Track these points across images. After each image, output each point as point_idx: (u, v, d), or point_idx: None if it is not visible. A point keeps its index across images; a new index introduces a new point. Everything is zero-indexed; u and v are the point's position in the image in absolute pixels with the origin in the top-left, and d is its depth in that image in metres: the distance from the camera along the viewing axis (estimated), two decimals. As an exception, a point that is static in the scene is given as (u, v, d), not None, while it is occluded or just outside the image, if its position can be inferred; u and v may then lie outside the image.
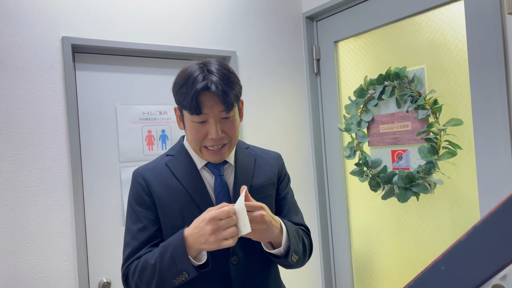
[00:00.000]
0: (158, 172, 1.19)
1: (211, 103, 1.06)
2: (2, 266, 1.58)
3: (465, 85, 1.73)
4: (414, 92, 1.89)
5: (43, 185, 1.68)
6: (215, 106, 1.07)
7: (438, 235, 1.89)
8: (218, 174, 1.19)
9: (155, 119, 2.01)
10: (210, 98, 1.06)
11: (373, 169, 2.12)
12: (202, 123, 1.09)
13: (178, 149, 1.24)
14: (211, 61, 1.12)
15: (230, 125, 1.12)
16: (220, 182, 1.19)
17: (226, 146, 1.14)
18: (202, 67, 1.09)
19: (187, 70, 1.10)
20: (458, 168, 1.78)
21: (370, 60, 2.16)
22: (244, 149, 1.29)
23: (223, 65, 1.12)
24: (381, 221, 2.16)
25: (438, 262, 0.51)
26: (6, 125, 1.62)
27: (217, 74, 1.07)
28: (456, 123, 1.74)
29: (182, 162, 1.20)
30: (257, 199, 1.19)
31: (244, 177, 1.22)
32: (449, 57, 1.79)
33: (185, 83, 1.07)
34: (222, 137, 1.11)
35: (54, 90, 1.72)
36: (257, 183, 1.23)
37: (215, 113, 1.08)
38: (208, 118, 1.08)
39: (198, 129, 1.10)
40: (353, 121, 2.18)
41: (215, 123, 1.09)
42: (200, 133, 1.10)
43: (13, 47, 1.64)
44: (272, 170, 1.29)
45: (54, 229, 1.69)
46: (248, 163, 1.25)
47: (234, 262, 1.17)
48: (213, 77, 1.06)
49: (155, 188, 1.17)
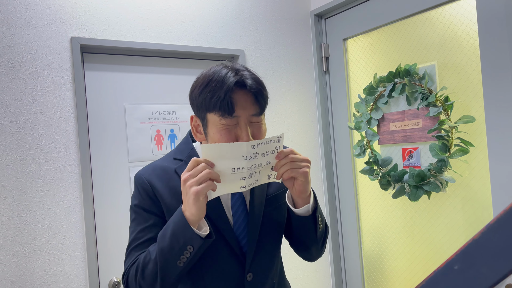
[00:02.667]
0: (167, 180, 1.07)
1: (245, 103, 0.96)
2: (13, 266, 1.60)
3: (477, 81, 1.70)
4: (425, 89, 1.86)
5: (53, 185, 1.69)
6: (249, 107, 0.97)
7: (450, 234, 1.86)
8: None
9: (164, 119, 2.01)
10: (244, 96, 0.96)
11: (383, 168, 2.09)
12: (231, 127, 0.98)
13: (189, 153, 1.11)
14: (235, 64, 1.02)
15: (258, 130, 1.02)
16: (239, 197, 1.10)
17: None
18: (227, 66, 1.00)
19: (210, 70, 0.99)
20: (471, 166, 1.76)
21: (379, 57, 2.14)
22: None
23: (249, 68, 1.04)
24: (392, 220, 2.13)
25: (451, 262, 0.50)
26: (16, 125, 1.63)
27: (249, 72, 0.99)
28: (468, 120, 1.71)
29: None
30: (273, 208, 1.15)
31: (261, 188, 1.14)
32: (461, 53, 1.77)
33: (210, 82, 0.96)
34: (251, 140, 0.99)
35: (63, 91, 1.73)
36: (272, 192, 1.16)
37: (246, 115, 0.97)
38: (239, 121, 0.97)
39: (226, 134, 0.97)
40: (362, 119, 2.16)
41: (245, 126, 0.98)
42: (228, 137, 0.98)
43: (23, 48, 1.65)
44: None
45: (64, 228, 1.70)
46: None
47: (248, 278, 1.10)
48: (246, 73, 0.97)
49: (164, 196, 1.06)
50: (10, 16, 1.63)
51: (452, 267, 0.49)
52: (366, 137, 2.16)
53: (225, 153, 0.92)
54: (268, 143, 0.95)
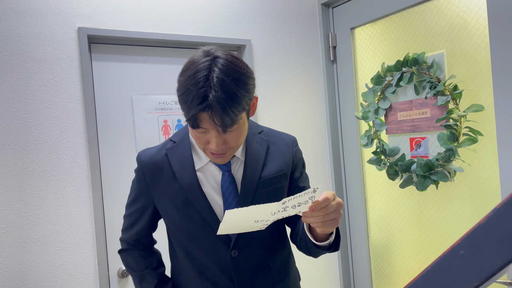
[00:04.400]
0: (156, 163, 1.16)
1: (210, 121, 0.95)
2: (24, 253, 1.62)
3: (487, 69, 1.68)
4: (433, 78, 1.84)
5: (63, 174, 1.71)
6: (216, 124, 0.95)
7: (458, 224, 1.85)
8: (226, 169, 1.14)
9: (171, 109, 2.02)
10: (210, 117, 0.94)
11: (391, 158, 2.09)
12: (203, 132, 0.99)
13: (182, 137, 1.17)
14: (218, 62, 0.95)
15: (233, 136, 1.01)
16: (227, 178, 1.13)
17: (229, 152, 1.05)
18: (206, 74, 0.93)
19: (191, 74, 0.95)
20: (479, 155, 1.74)
21: (387, 46, 2.12)
22: (256, 134, 1.20)
23: (231, 70, 0.95)
24: (399, 210, 2.13)
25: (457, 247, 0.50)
26: (25, 115, 1.65)
27: (220, 90, 0.91)
28: (477, 109, 1.70)
29: (181, 154, 1.15)
30: (266, 192, 1.15)
31: (254, 169, 1.14)
32: (470, 41, 1.74)
33: (185, 94, 0.94)
34: (223, 148, 1.01)
35: (71, 81, 1.74)
36: (268, 174, 1.16)
37: (215, 127, 0.96)
38: (210, 130, 0.98)
39: (199, 136, 1.01)
40: (370, 109, 2.15)
41: (215, 136, 0.98)
42: (201, 140, 1.01)
43: (31, 39, 1.66)
44: (285, 159, 1.20)
45: (74, 217, 1.72)
46: (259, 152, 1.17)
47: (233, 255, 1.15)
48: (214, 95, 0.91)
49: (151, 179, 1.17)
50: (18, 6, 1.64)
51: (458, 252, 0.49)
52: (374, 127, 2.15)
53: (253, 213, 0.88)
54: (302, 196, 0.88)
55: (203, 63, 0.95)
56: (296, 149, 1.25)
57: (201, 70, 0.94)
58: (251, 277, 1.18)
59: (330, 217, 0.90)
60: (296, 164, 1.24)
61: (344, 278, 2.40)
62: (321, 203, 0.88)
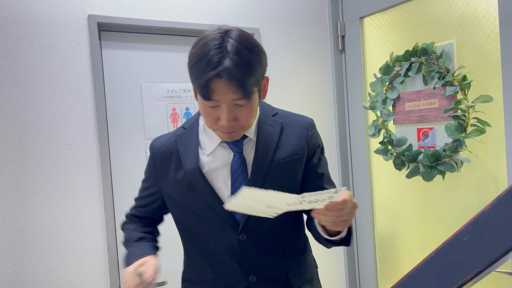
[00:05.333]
0: (166, 150, 1.16)
1: (224, 90, 0.93)
2: (36, 237, 1.66)
3: (496, 60, 1.67)
4: (442, 68, 1.84)
5: (73, 160, 1.73)
6: (229, 93, 0.93)
7: (464, 215, 1.86)
8: (237, 151, 1.10)
9: (179, 97, 2.03)
10: (223, 85, 0.92)
11: (398, 148, 2.09)
12: (213, 107, 0.98)
13: (192, 123, 1.17)
14: (232, 33, 0.96)
15: (244, 112, 0.99)
16: (238, 159, 1.10)
17: (238, 130, 1.04)
18: (220, 43, 0.93)
19: (204, 43, 0.95)
20: (487, 146, 1.74)
21: (396, 36, 2.11)
22: (270, 116, 1.16)
23: (244, 41, 0.95)
24: (405, 200, 2.14)
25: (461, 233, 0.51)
26: (36, 102, 1.67)
27: (234, 56, 0.91)
28: (486, 99, 1.69)
29: (190, 138, 1.14)
30: (278, 176, 1.11)
31: (266, 152, 1.11)
32: (480, 31, 1.73)
33: (198, 62, 0.93)
34: (233, 125, 0.99)
35: (81, 68, 1.76)
36: (280, 158, 1.12)
37: (227, 100, 0.95)
38: (220, 104, 0.96)
39: (209, 112, 0.99)
40: (378, 99, 2.15)
41: (227, 110, 0.96)
42: (211, 117, 0.99)
43: (42, 26, 1.68)
44: (300, 143, 1.15)
45: (84, 202, 1.75)
46: (272, 134, 1.13)
47: (241, 239, 1.12)
48: (229, 61, 0.91)
49: (161, 170, 1.17)
50: (29, -6, 1.66)
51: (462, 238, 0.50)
52: (381, 117, 2.15)
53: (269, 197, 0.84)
54: (322, 194, 0.83)
55: (216, 34, 0.95)
56: (313, 132, 1.19)
57: (215, 39, 0.94)
58: (261, 262, 1.15)
59: (343, 218, 0.88)
60: (313, 149, 1.18)
61: (349, 267, 2.42)
62: (339, 204, 0.85)
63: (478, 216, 0.49)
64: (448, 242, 0.51)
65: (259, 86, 1.01)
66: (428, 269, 0.52)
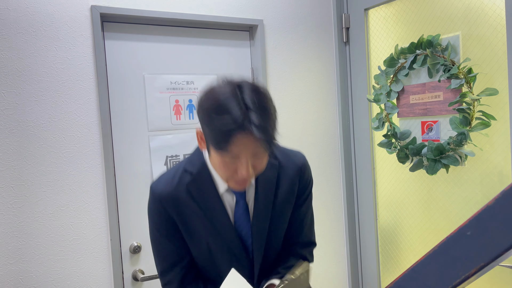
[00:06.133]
0: (177, 197, 1.10)
1: (246, 145, 0.91)
2: (40, 228, 1.67)
3: (502, 53, 1.66)
4: (448, 61, 1.82)
5: (76, 151, 1.74)
6: (252, 147, 0.92)
7: (467, 209, 1.85)
8: (240, 197, 1.12)
9: (182, 89, 2.02)
10: (246, 139, 0.89)
11: (401, 141, 2.08)
12: (232, 159, 0.94)
13: (199, 168, 1.10)
14: (245, 85, 0.92)
15: (262, 160, 0.99)
16: (241, 206, 1.12)
17: (252, 178, 1.03)
18: (236, 94, 0.89)
19: (218, 96, 0.91)
20: (491, 139, 1.73)
21: (401, 28, 2.09)
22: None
23: (260, 92, 0.93)
24: (409, 194, 2.13)
25: (464, 228, 0.50)
26: (39, 93, 1.67)
27: (257, 110, 0.88)
28: (491, 92, 1.68)
29: (203, 185, 1.10)
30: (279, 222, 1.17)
31: (266, 198, 1.13)
32: (486, 23, 1.71)
33: (217, 114, 0.89)
34: (252, 173, 0.97)
35: (84, 59, 1.75)
36: (279, 201, 1.15)
37: (248, 153, 0.93)
38: (240, 156, 0.94)
39: (226, 164, 0.96)
40: (382, 91, 2.13)
41: (246, 162, 0.94)
42: (229, 169, 0.97)
43: (44, 16, 1.67)
44: (293, 183, 1.17)
45: (87, 194, 1.76)
46: (270, 179, 1.13)
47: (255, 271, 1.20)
48: (253, 115, 0.87)
49: (177, 217, 1.11)
50: (32, -16, 1.65)
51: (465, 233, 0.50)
52: (385, 110, 2.13)
53: None
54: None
55: (230, 90, 0.91)
56: (304, 170, 1.20)
57: (230, 94, 0.90)
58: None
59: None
60: (304, 185, 1.21)
61: (352, 260, 2.43)
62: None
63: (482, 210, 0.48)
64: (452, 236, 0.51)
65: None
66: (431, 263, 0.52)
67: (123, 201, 1.87)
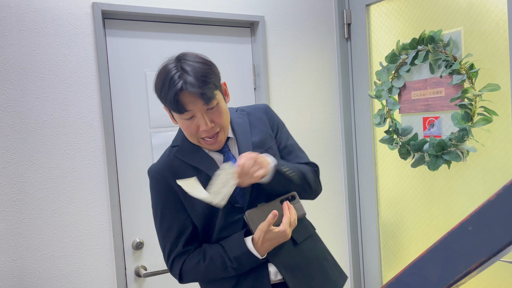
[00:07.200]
0: (171, 165, 1.25)
1: (192, 100, 1.10)
2: (42, 224, 1.68)
3: (504, 48, 1.65)
4: (449, 57, 1.82)
5: (78, 148, 1.74)
6: (197, 102, 1.10)
7: (469, 204, 1.85)
8: (226, 149, 1.25)
9: (184, 85, 2.02)
10: (189, 96, 1.09)
11: (403, 137, 2.08)
12: (190, 119, 1.14)
13: (182, 139, 1.27)
14: (186, 56, 1.14)
15: (217, 113, 1.16)
16: (227, 157, 1.25)
17: (219, 133, 1.19)
18: (176, 65, 1.12)
19: (163, 71, 1.13)
20: (493, 135, 1.73)
21: (403, 24, 2.08)
22: (234, 112, 1.33)
23: (197, 58, 1.14)
24: (410, 190, 2.13)
25: (465, 223, 0.50)
26: (42, 90, 1.67)
27: (192, 72, 1.09)
28: (493, 88, 1.67)
29: (189, 148, 1.25)
30: (261, 152, 1.25)
31: (246, 139, 1.27)
32: (488, 19, 1.71)
33: (163, 86, 1.11)
34: (213, 127, 1.15)
35: (86, 56, 1.75)
36: (257, 139, 1.29)
37: (199, 107, 1.11)
38: (195, 113, 1.12)
39: (188, 125, 1.15)
40: (384, 87, 2.13)
41: (202, 116, 1.13)
42: (192, 128, 1.15)
43: (46, 14, 1.67)
44: (264, 123, 1.33)
45: (89, 190, 1.76)
46: (244, 123, 1.30)
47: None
48: (188, 77, 1.08)
49: (174, 182, 1.21)
50: (33, -19, 1.65)
51: (466, 228, 0.50)
52: (387, 106, 2.13)
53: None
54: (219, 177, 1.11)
55: (173, 62, 1.14)
56: (270, 112, 1.37)
57: (172, 65, 1.12)
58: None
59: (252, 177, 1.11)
60: (276, 125, 1.36)
61: (354, 256, 2.43)
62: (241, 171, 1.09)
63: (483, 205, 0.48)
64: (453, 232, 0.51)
65: (220, 90, 1.18)
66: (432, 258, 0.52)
67: (125, 198, 1.88)
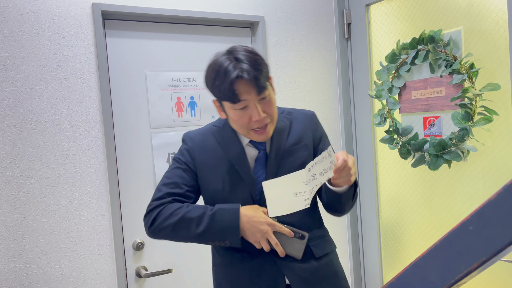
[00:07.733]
0: (205, 139, 1.32)
1: (247, 89, 1.13)
2: (43, 225, 1.68)
3: (504, 47, 1.65)
4: (449, 56, 1.81)
5: (79, 149, 1.74)
6: (251, 91, 1.14)
7: (469, 204, 1.85)
8: (262, 148, 1.29)
9: (184, 86, 2.02)
10: (244, 85, 1.13)
11: (403, 137, 2.08)
12: (243, 109, 1.17)
13: (224, 123, 1.32)
14: (237, 48, 1.17)
15: (268, 104, 1.20)
16: (262, 154, 1.29)
17: (269, 124, 1.22)
18: (229, 56, 1.15)
19: (216, 62, 1.16)
20: (494, 134, 1.73)
21: (403, 24, 2.08)
22: (279, 114, 1.33)
23: (249, 50, 1.18)
24: (411, 190, 2.13)
25: (466, 222, 0.50)
26: (42, 91, 1.67)
27: (246, 61, 1.13)
28: (493, 87, 1.67)
29: (227, 134, 1.31)
30: (289, 162, 1.29)
31: (279, 142, 1.29)
32: (488, 18, 1.70)
33: (217, 76, 1.14)
34: (265, 117, 1.18)
35: (86, 57, 1.75)
36: (290, 145, 1.30)
37: (252, 97, 1.15)
38: (248, 103, 1.16)
39: (241, 115, 1.18)
40: (384, 87, 2.13)
41: (255, 106, 1.16)
42: (244, 119, 1.18)
43: (46, 14, 1.68)
44: (305, 131, 1.34)
45: (90, 191, 1.76)
46: (283, 127, 1.32)
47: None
48: (243, 64, 1.12)
49: (199, 153, 1.30)
50: (33, -18, 1.65)
51: (467, 227, 0.50)
52: (387, 106, 2.13)
53: (287, 183, 1.13)
54: (322, 161, 1.08)
55: (224, 54, 1.16)
56: (315, 122, 1.39)
57: (225, 57, 1.15)
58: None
59: (349, 176, 1.11)
60: (318, 136, 1.37)
61: (354, 256, 2.43)
62: (340, 166, 1.07)
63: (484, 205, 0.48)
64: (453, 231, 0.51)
65: (270, 82, 1.22)
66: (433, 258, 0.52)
67: (125, 198, 1.88)
